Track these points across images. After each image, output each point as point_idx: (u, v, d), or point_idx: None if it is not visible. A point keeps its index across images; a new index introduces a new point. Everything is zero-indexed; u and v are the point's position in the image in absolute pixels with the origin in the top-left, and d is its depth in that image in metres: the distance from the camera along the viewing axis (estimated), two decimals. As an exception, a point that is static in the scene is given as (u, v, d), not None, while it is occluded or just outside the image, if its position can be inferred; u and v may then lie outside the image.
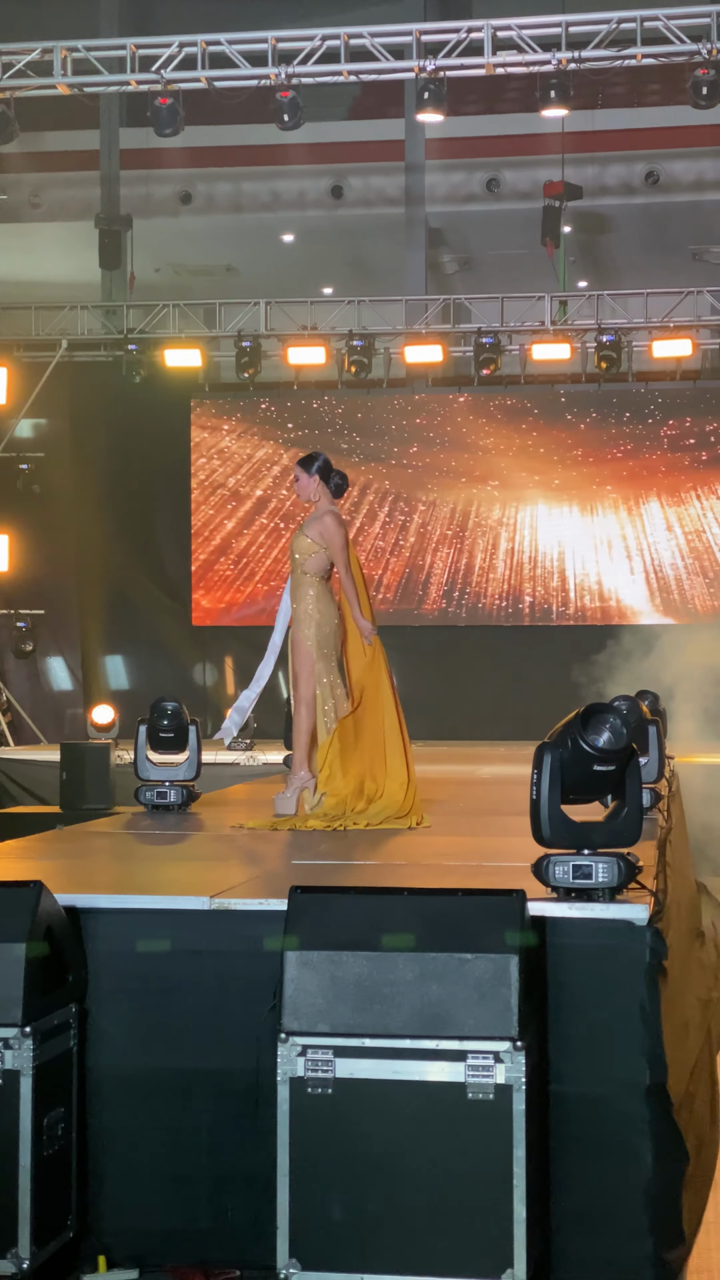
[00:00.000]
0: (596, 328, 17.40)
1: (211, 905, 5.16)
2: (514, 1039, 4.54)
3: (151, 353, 18.11)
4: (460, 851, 6.94)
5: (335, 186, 20.65)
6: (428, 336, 17.75)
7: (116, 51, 14.58)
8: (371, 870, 6.42)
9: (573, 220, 19.35)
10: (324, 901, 4.82)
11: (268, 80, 14.16)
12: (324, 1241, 4.58)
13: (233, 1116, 4.99)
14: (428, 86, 13.95)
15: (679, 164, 19.67)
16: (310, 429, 18.91)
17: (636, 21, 13.70)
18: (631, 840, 5.15)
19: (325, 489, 8.30)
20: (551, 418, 18.56)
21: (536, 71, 14.01)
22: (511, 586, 18.56)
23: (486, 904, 4.73)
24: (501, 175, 20.08)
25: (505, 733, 16.38)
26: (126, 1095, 5.09)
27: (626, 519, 18.40)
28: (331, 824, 7.77)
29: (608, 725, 5.03)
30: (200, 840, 7.61)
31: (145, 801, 8.49)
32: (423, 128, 18.62)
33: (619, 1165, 4.86)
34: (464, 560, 18.67)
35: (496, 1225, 4.51)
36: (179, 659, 19.19)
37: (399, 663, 17.94)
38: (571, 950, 4.94)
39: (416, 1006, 4.59)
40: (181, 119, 14.30)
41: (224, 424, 19.19)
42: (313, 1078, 4.61)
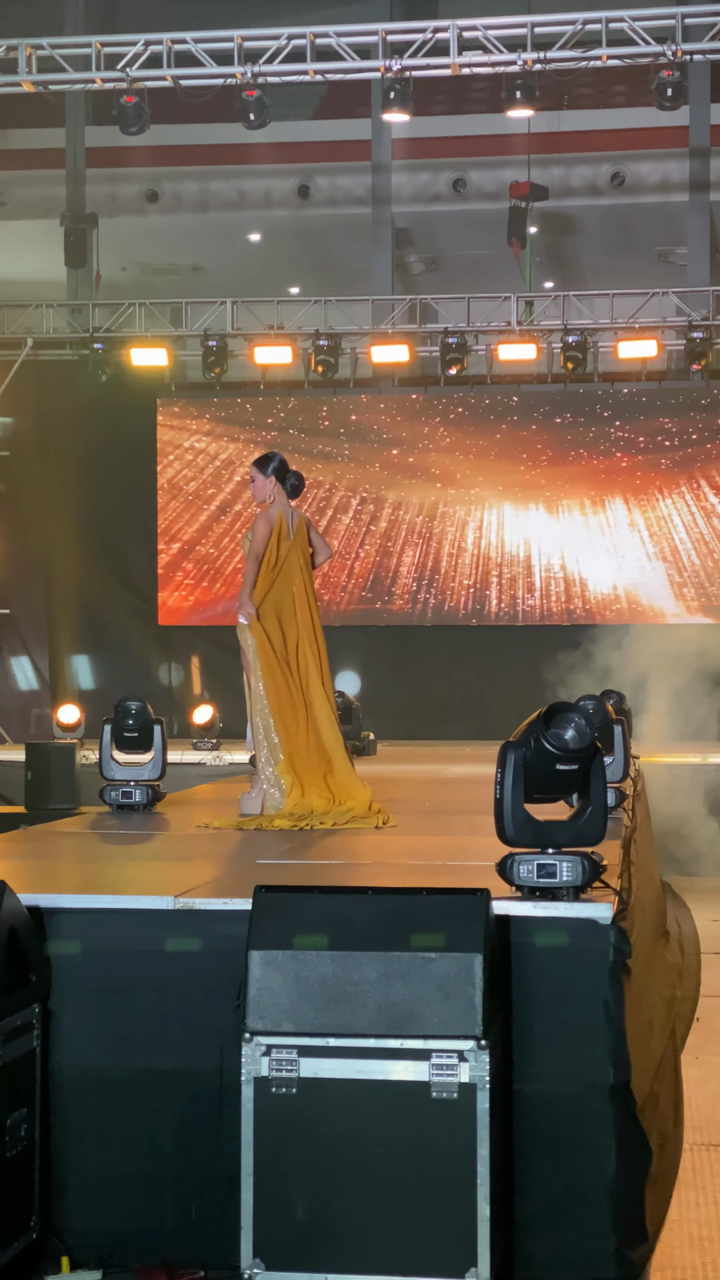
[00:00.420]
0: (562, 328, 17.43)
1: (176, 905, 5.15)
2: (478, 1038, 4.55)
3: (117, 352, 18.06)
4: (425, 851, 6.95)
5: (302, 186, 20.64)
6: (394, 336, 17.76)
7: (82, 50, 14.54)
8: (336, 870, 6.42)
9: (539, 221, 19.40)
10: (288, 901, 4.82)
11: (234, 79, 14.15)
12: (288, 1241, 4.58)
13: (197, 1116, 4.98)
14: (394, 86, 13.96)
15: (644, 165, 19.73)
16: (276, 429, 18.90)
17: (601, 23, 13.75)
18: (596, 839, 5.17)
19: (280, 490, 8.31)
20: (517, 418, 18.59)
21: (502, 72, 14.04)
22: (478, 586, 18.58)
23: (451, 903, 4.74)
24: (468, 175, 20.11)
25: (471, 732, 16.41)
26: (90, 1095, 5.08)
27: (592, 519, 18.44)
28: (297, 824, 7.77)
29: (571, 724, 5.05)
30: (165, 840, 7.60)
31: (110, 801, 8.47)
32: (389, 128, 18.63)
33: (583, 1164, 4.88)
34: (430, 560, 18.69)
35: (460, 1224, 4.52)
36: (145, 659, 19.15)
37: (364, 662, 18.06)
38: (536, 949, 4.95)
39: (381, 1006, 4.59)
40: (147, 117, 14.28)
41: (190, 423, 19.16)
42: (277, 1077, 4.61)
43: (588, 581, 18.42)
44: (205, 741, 15.92)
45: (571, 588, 18.43)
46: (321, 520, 18.25)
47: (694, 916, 11.31)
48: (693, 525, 18.24)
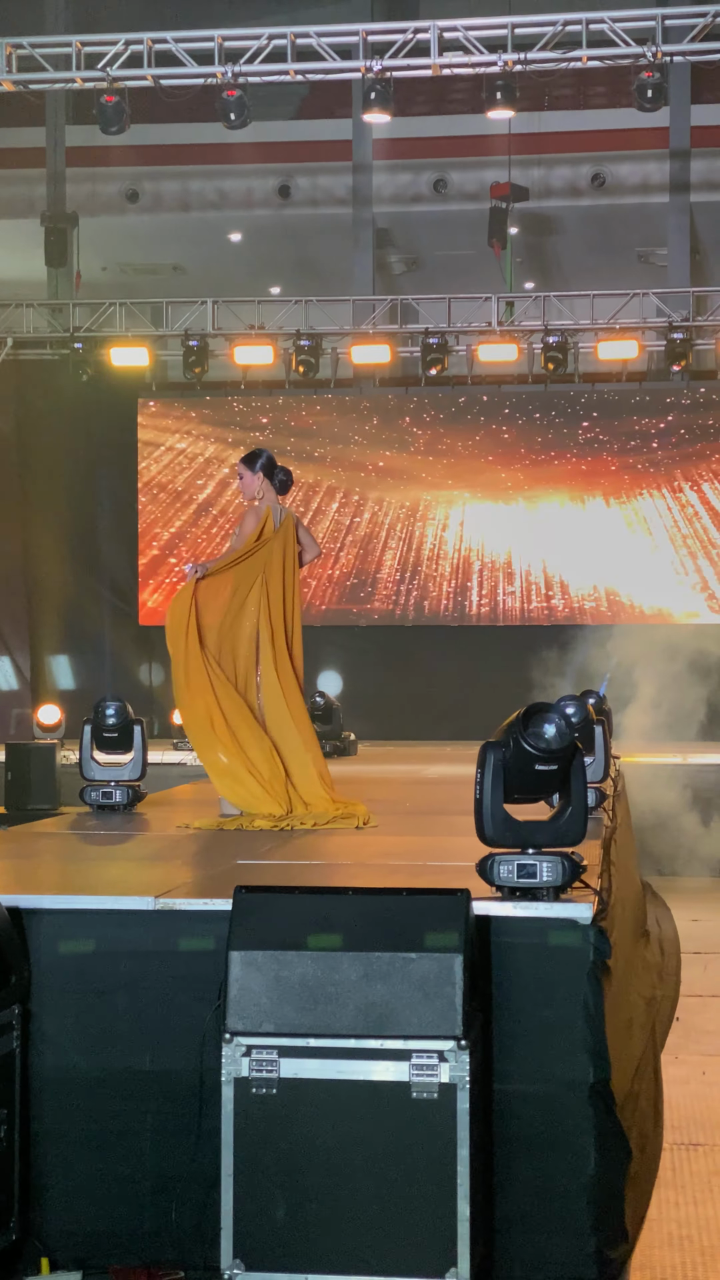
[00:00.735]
0: (543, 329, 17.45)
1: (156, 905, 5.15)
2: (458, 1038, 4.56)
3: (98, 351, 18.03)
4: (405, 851, 6.95)
5: (283, 186, 20.64)
6: (375, 336, 17.76)
7: (62, 49, 14.51)
8: (317, 870, 6.42)
9: (519, 221, 19.42)
10: (269, 901, 4.82)
11: (214, 79, 14.13)
12: (268, 1242, 4.59)
13: (177, 1117, 4.98)
14: (374, 87, 13.95)
15: (625, 166, 19.77)
16: (257, 428, 18.89)
17: (582, 24, 13.76)
18: (576, 839, 5.18)
19: (270, 486, 8.31)
20: (498, 419, 18.61)
21: (483, 73, 14.04)
22: (459, 586, 18.60)
23: (431, 903, 4.75)
24: (449, 176, 20.12)
25: (452, 733, 16.42)
26: (70, 1096, 5.07)
27: (573, 519, 18.47)
28: (277, 824, 7.76)
29: (549, 724, 5.05)
30: (145, 840, 7.59)
31: (91, 802, 8.46)
32: (370, 128, 18.63)
33: (563, 1163, 4.88)
34: (411, 560, 18.70)
35: (441, 1224, 4.53)
36: (126, 659, 19.13)
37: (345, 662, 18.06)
38: (516, 949, 4.96)
39: (361, 1006, 4.60)
40: (128, 117, 14.25)
41: (171, 423, 19.14)
42: (257, 1078, 4.61)
43: (569, 581, 18.44)
44: (185, 742, 15.88)
45: (552, 587, 18.46)
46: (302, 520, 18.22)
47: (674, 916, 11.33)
48: (673, 525, 18.29)
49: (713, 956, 9.95)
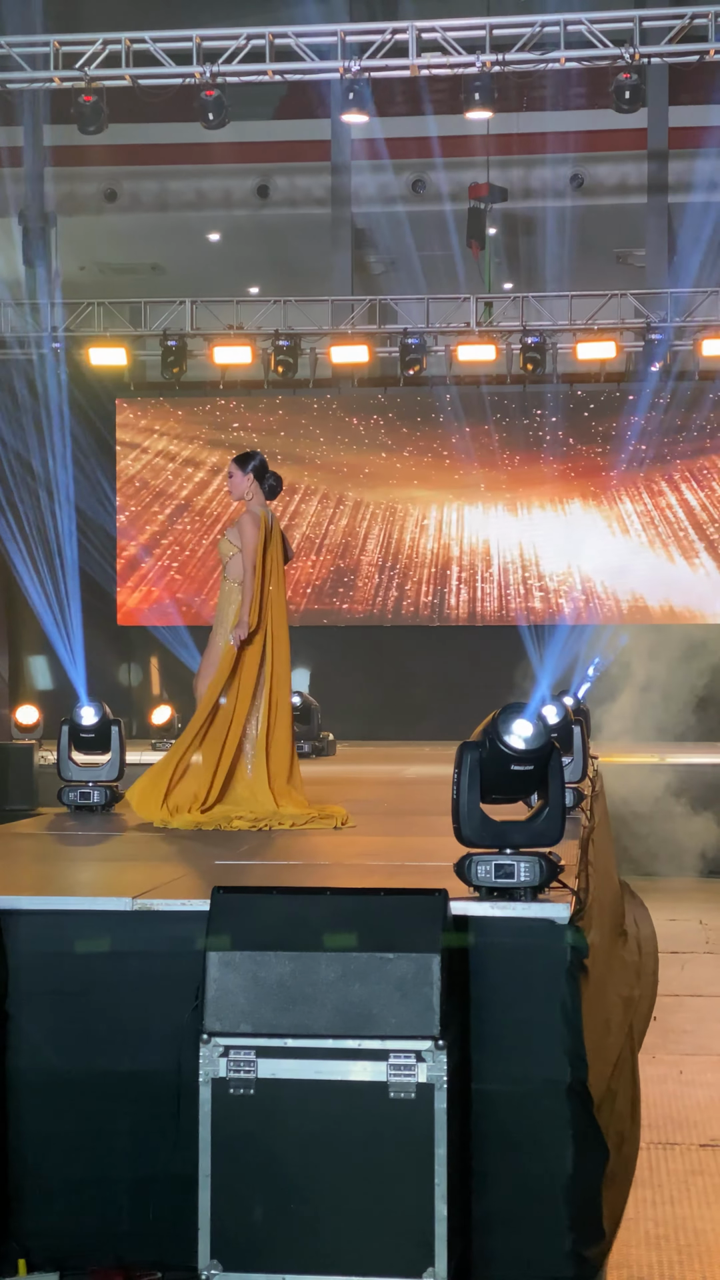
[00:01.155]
0: (521, 329, 17.47)
1: (134, 906, 5.14)
2: (435, 1038, 4.56)
3: (76, 351, 18.00)
4: (383, 851, 6.96)
5: (261, 186, 20.62)
6: (354, 337, 17.77)
7: (40, 48, 14.50)
8: (295, 870, 6.42)
9: (498, 222, 19.44)
10: (246, 902, 4.82)
11: (192, 79, 14.13)
12: (246, 1242, 4.58)
13: (155, 1118, 4.97)
14: (353, 87, 13.97)
15: (603, 167, 19.80)
16: (236, 428, 18.88)
17: (560, 25, 13.79)
18: (554, 839, 5.19)
19: (258, 489, 8.32)
20: (477, 419, 18.62)
21: (461, 74, 14.06)
22: (438, 586, 18.61)
23: (409, 903, 4.75)
24: (427, 177, 20.13)
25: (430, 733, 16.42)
26: (47, 1097, 5.06)
27: (553, 519, 18.50)
28: (255, 824, 7.77)
29: (525, 725, 5.06)
30: (123, 841, 7.58)
31: (68, 802, 8.45)
32: (348, 128, 18.64)
33: (540, 1163, 4.89)
34: (390, 560, 18.71)
35: (418, 1224, 4.53)
36: (104, 659, 19.09)
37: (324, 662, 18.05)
38: (493, 949, 4.97)
39: (339, 1006, 4.60)
40: (106, 116, 14.25)
41: (149, 423, 19.12)
42: (235, 1078, 4.61)
43: (548, 581, 18.47)
44: (164, 742, 15.87)
45: (531, 587, 18.48)
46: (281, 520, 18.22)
47: (652, 916, 11.36)
48: (649, 525, 18.33)
49: (690, 956, 9.98)
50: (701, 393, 18.03)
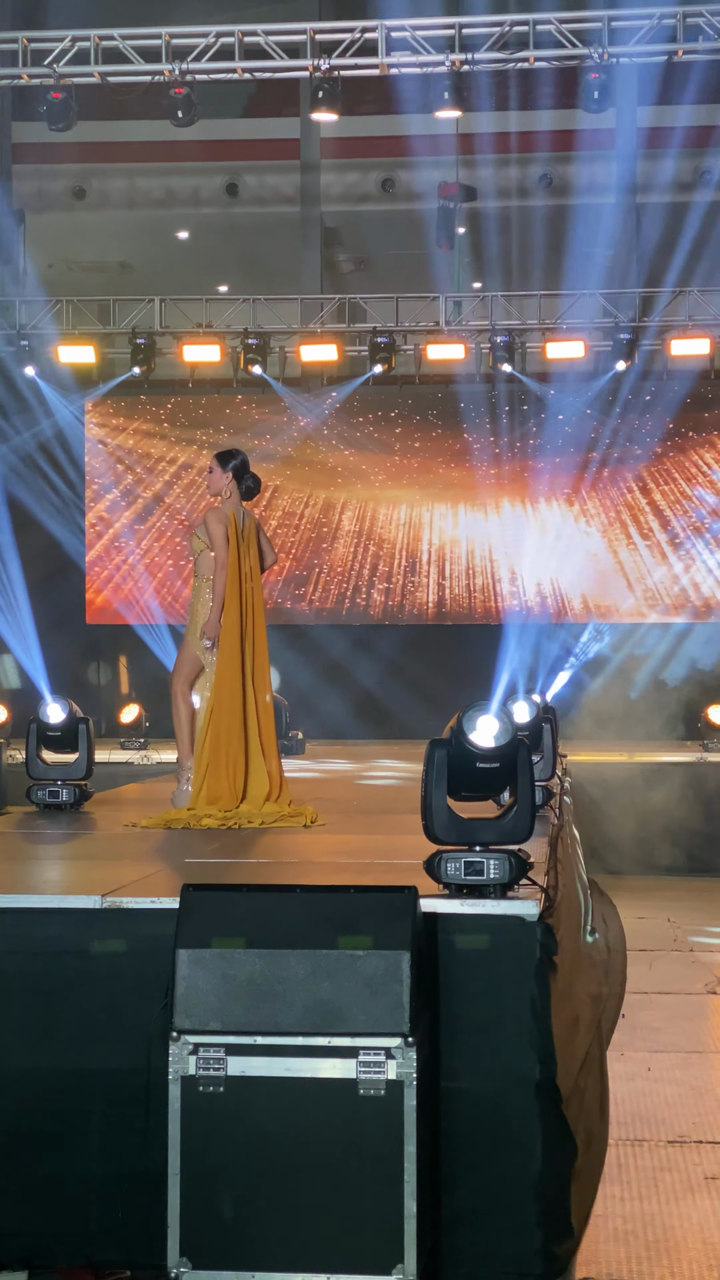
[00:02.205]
0: (490, 328, 17.50)
1: (103, 904, 5.14)
2: (405, 1035, 4.56)
3: (44, 349, 17.95)
4: (353, 849, 6.96)
5: (230, 184, 20.61)
6: (323, 335, 17.77)
7: (8, 45, 14.46)
8: (264, 868, 6.43)
9: (467, 221, 19.46)
10: (216, 899, 4.81)
11: (162, 76, 14.11)
12: (215, 1240, 4.58)
13: (124, 1116, 4.96)
14: (322, 85, 13.98)
15: (572, 167, 19.84)
16: (204, 427, 18.86)
17: (529, 25, 13.83)
18: (523, 837, 5.20)
19: (235, 488, 8.31)
20: (446, 418, 18.64)
21: (430, 72, 14.08)
22: (408, 585, 18.63)
23: (378, 900, 4.75)
24: (396, 175, 20.15)
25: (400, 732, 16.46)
26: (16, 1095, 5.04)
27: (523, 518, 18.54)
28: (225, 823, 7.77)
29: (490, 723, 5.07)
30: (92, 839, 7.57)
31: (37, 801, 8.43)
32: (318, 127, 18.64)
33: (509, 1160, 4.90)
34: (360, 558, 18.71)
35: (387, 1221, 4.53)
36: (73, 658, 19.04)
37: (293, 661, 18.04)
38: (463, 946, 4.97)
39: (308, 1003, 4.60)
40: (74, 113, 14.22)
41: (119, 421, 19.08)
42: (204, 1076, 4.61)
43: (519, 579, 18.50)
44: (133, 741, 15.86)
45: (501, 586, 18.51)
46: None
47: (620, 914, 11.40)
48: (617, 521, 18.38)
49: (658, 954, 10.02)
50: (669, 392, 18.09)
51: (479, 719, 5.08)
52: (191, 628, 8.28)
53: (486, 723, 5.08)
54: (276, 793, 8.13)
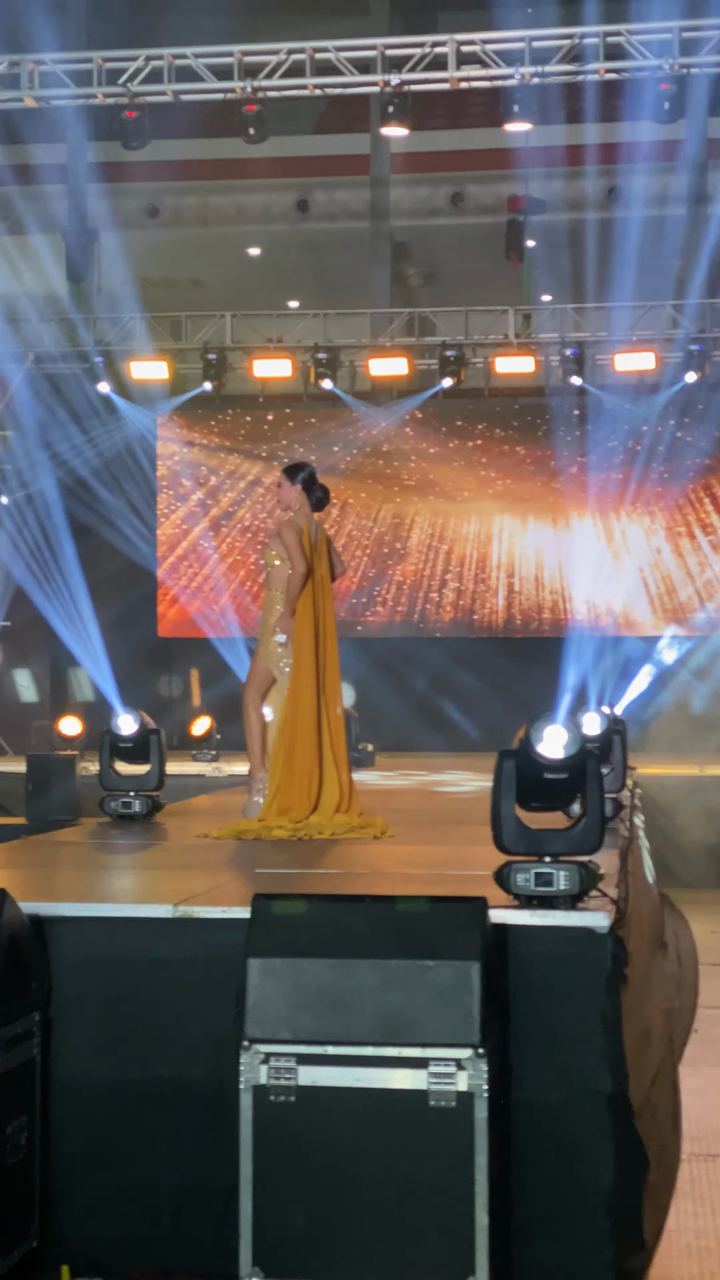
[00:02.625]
0: (560, 341, 17.47)
1: (175, 913, 5.17)
2: (475, 1046, 4.55)
3: (118, 365, 18.10)
4: (423, 860, 6.96)
5: (301, 200, 20.71)
6: (393, 349, 17.80)
7: (83, 65, 14.61)
8: (335, 879, 6.44)
9: (536, 234, 19.44)
10: (287, 909, 4.83)
11: (233, 94, 14.21)
12: (286, 1249, 4.59)
13: (195, 1125, 4.99)
14: (392, 100, 14.02)
15: (641, 179, 19.77)
16: (275, 441, 18.94)
17: (599, 37, 13.81)
18: (593, 848, 5.18)
19: (305, 500, 8.35)
20: (516, 430, 18.63)
21: (500, 86, 14.10)
22: (476, 597, 18.61)
23: (448, 911, 4.75)
24: (466, 189, 20.18)
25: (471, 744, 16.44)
26: (89, 1104, 5.08)
27: (592, 531, 18.48)
28: (295, 834, 7.79)
29: (558, 733, 5.07)
30: (164, 849, 7.61)
31: (110, 811, 8.48)
32: (388, 142, 18.69)
33: (580, 1173, 4.88)
34: (429, 571, 18.72)
35: (458, 1233, 4.52)
36: (145, 671, 19.16)
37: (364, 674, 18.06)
38: (533, 957, 4.96)
39: (378, 1013, 4.60)
40: (148, 132, 14.34)
41: (190, 436, 19.20)
42: (275, 1085, 4.62)
43: (588, 592, 18.44)
44: (204, 753, 15.93)
45: (570, 597, 18.45)
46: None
47: (692, 928, 11.32)
48: (687, 533, 18.27)
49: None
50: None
51: (547, 729, 5.08)
52: (264, 639, 8.31)
53: (554, 733, 5.07)
54: (347, 804, 8.15)
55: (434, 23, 19.91)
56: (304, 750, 8.09)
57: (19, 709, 19.15)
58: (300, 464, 8.50)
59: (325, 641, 8.30)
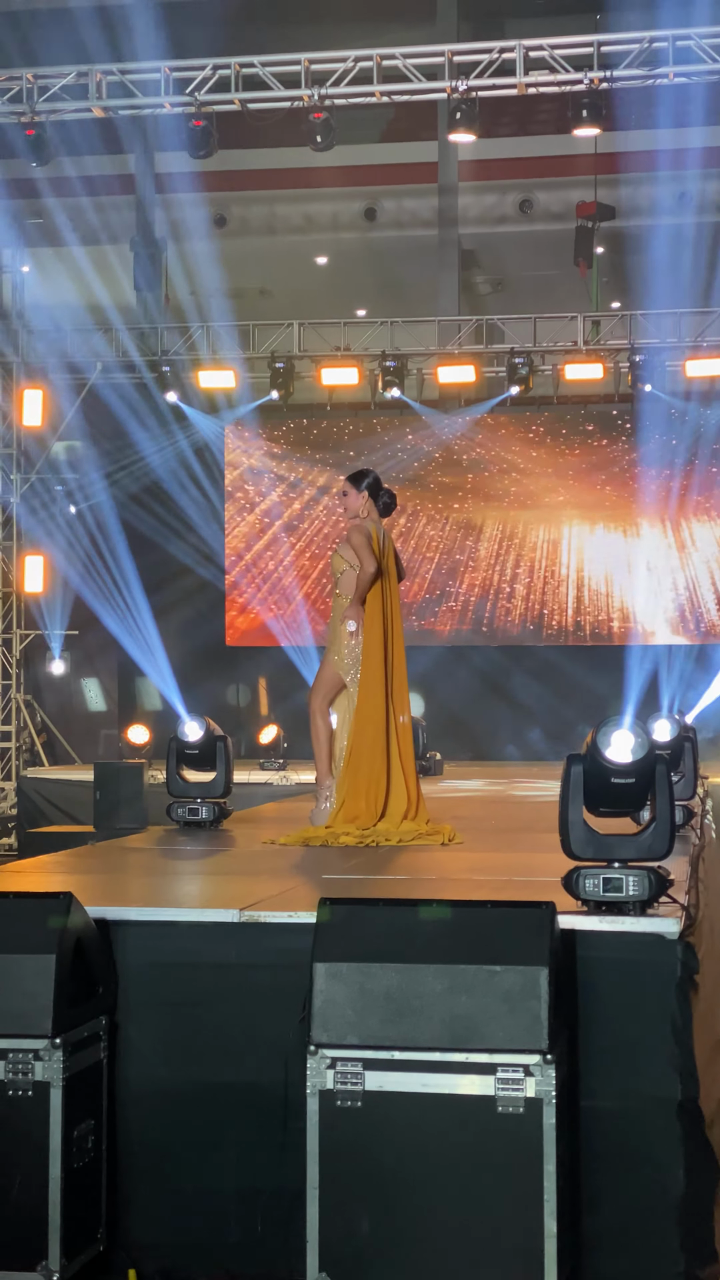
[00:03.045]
0: (629, 347, 17.38)
1: (241, 918, 5.16)
2: (544, 1052, 4.51)
3: (185, 374, 18.18)
4: (491, 866, 6.92)
5: (368, 209, 20.72)
6: (460, 357, 17.76)
7: (151, 74, 14.68)
8: (401, 884, 6.41)
9: (605, 240, 19.36)
10: (353, 913, 4.80)
11: (300, 102, 14.23)
12: (353, 1255, 4.56)
13: (262, 1129, 4.98)
14: (460, 107, 13.99)
15: (712, 184, 19.65)
16: (343, 449, 18.94)
17: (669, 41, 13.72)
18: (662, 854, 5.13)
19: (373, 506, 8.33)
20: (584, 437, 18.54)
21: (568, 91, 14.04)
22: (544, 606, 18.52)
23: (516, 916, 4.71)
24: (534, 196, 20.11)
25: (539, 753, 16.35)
26: (156, 1108, 5.08)
27: (660, 539, 18.35)
28: (363, 840, 7.76)
29: (624, 738, 5.01)
30: (231, 855, 7.61)
31: (176, 818, 8.49)
32: (455, 149, 18.67)
33: (650, 1181, 4.82)
34: (497, 579, 18.65)
35: (527, 1241, 4.48)
36: (213, 680, 19.21)
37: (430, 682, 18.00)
38: (601, 963, 4.91)
39: (445, 1019, 4.56)
40: (215, 140, 14.39)
41: (257, 445, 19.24)
42: (342, 1090, 4.59)
43: (660, 600, 18.31)
44: (272, 761, 15.94)
45: (641, 605, 18.33)
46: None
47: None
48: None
49: None
50: None
51: (613, 734, 5.03)
52: (332, 646, 8.29)
53: (621, 738, 5.02)
54: (414, 811, 8.11)
55: (501, 30, 19.87)
56: (372, 758, 8.07)
57: (87, 718, 19.25)
58: (364, 471, 8.49)
59: (394, 649, 8.27)
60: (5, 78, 14.66)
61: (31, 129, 14.39)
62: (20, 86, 14.56)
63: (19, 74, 14.57)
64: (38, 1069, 4.67)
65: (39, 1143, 4.66)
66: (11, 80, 14.63)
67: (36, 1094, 4.67)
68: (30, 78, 14.52)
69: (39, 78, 14.53)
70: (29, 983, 4.70)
